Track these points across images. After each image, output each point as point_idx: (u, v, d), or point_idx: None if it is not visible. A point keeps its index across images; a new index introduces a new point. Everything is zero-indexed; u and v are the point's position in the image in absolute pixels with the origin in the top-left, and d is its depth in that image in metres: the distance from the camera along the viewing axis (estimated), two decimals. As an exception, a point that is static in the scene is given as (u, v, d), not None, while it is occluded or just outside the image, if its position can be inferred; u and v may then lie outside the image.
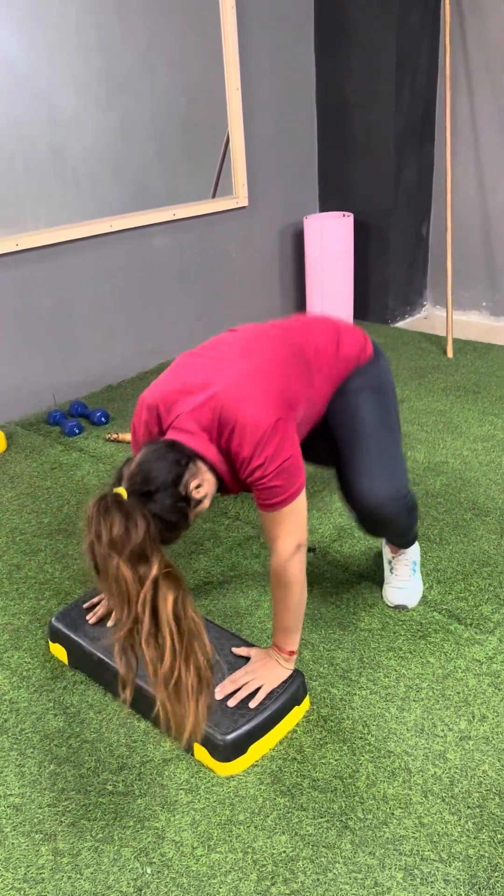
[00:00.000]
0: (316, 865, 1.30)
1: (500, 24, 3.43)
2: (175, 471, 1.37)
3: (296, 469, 1.45)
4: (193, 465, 1.41)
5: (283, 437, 1.42)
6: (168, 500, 1.35)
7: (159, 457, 1.38)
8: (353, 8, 3.54)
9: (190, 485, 1.39)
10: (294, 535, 1.48)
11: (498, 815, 1.36)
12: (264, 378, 1.47)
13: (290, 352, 1.56)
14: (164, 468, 1.36)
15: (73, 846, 1.36)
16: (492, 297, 3.94)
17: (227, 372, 1.47)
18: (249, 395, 1.43)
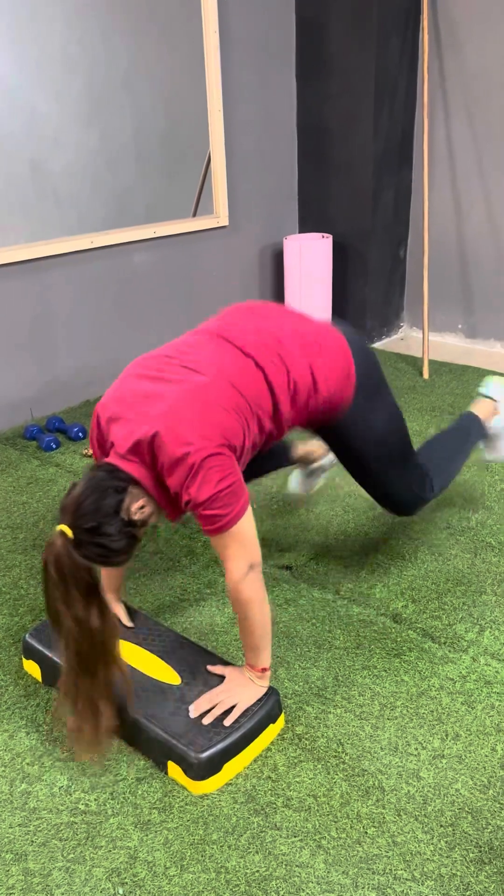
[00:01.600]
0: (289, 885, 1.29)
1: (475, 54, 3.52)
2: (115, 498, 1.41)
3: (232, 496, 1.45)
4: (134, 488, 1.45)
5: (213, 469, 1.42)
6: (113, 528, 1.40)
7: (99, 488, 1.42)
8: (334, 35, 3.61)
9: (132, 509, 1.43)
10: (242, 557, 1.48)
11: (470, 834, 1.37)
12: (202, 408, 1.46)
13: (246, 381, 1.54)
14: (104, 498, 1.41)
15: (44, 866, 1.34)
16: (467, 319, 4.00)
17: (169, 398, 1.47)
18: (183, 429, 1.43)
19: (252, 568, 1.50)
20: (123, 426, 1.50)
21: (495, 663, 1.76)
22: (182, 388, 1.50)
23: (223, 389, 1.51)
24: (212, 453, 1.43)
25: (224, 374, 1.53)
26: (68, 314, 3.22)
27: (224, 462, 1.45)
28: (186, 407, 1.47)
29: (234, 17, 3.43)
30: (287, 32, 3.72)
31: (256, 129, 3.73)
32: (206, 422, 1.46)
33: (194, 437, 1.43)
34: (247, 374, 1.55)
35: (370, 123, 3.64)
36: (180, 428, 1.44)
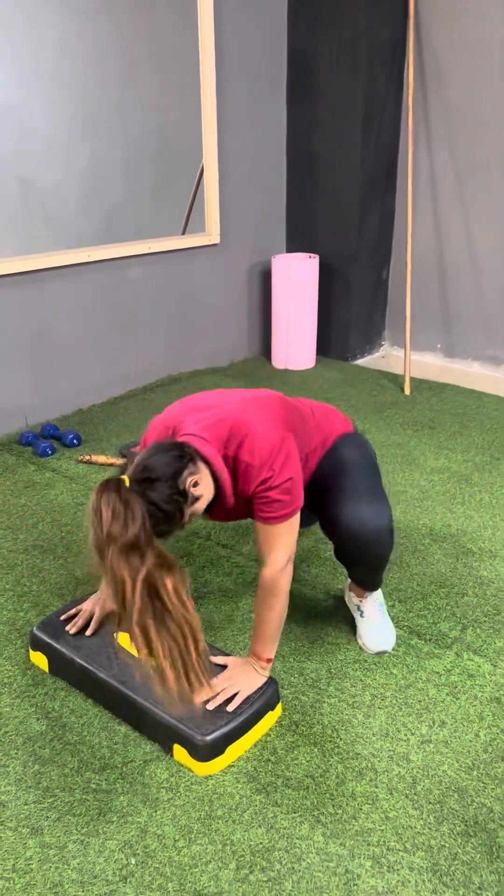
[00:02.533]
0: (291, 855, 1.39)
1: (457, 88, 3.70)
2: (176, 465, 1.46)
3: (298, 487, 1.58)
4: (194, 465, 1.50)
5: (289, 455, 1.56)
6: (166, 490, 1.42)
7: (163, 451, 1.48)
8: (324, 65, 3.78)
9: (188, 481, 1.47)
10: (287, 550, 1.60)
11: (457, 810, 1.48)
12: (269, 409, 1.62)
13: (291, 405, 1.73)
14: (166, 461, 1.45)
15: (60, 839, 1.42)
16: (446, 339, 4.17)
17: (235, 399, 1.63)
18: (258, 414, 1.57)
19: (289, 561, 1.62)
20: (197, 417, 1.59)
21: (478, 658, 1.88)
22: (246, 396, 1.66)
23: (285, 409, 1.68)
24: (285, 437, 1.56)
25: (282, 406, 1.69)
26: (64, 325, 3.32)
27: (295, 451, 1.59)
28: (257, 405, 1.61)
29: (230, 46, 3.59)
30: (279, 61, 3.88)
31: (248, 152, 3.87)
32: (275, 418, 1.60)
33: (274, 424, 1.57)
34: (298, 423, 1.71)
35: (357, 150, 3.80)
36: (262, 415, 1.57)
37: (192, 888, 1.33)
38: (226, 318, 4.07)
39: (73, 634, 1.83)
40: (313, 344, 4.12)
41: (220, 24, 3.50)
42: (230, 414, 1.58)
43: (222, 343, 4.09)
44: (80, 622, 1.85)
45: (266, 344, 4.31)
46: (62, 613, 1.91)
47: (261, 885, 1.33)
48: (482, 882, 1.34)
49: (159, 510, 1.42)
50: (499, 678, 1.81)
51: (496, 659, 1.88)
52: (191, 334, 3.90)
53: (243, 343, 4.22)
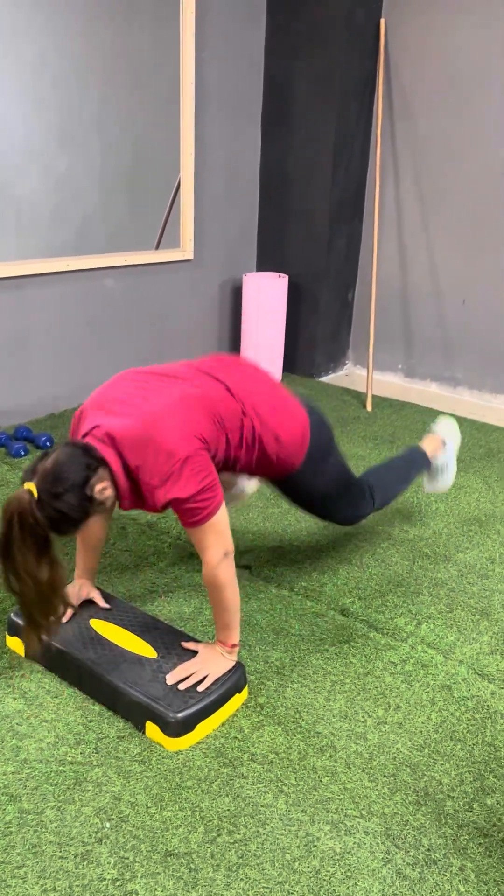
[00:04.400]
0: (255, 821, 1.49)
1: (424, 122, 3.92)
2: (84, 474, 1.55)
3: (210, 491, 1.63)
4: (102, 470, 1.59)
5: (193, 471, 1.60)
6: (74, 499, 1.53)
7: (72, 459, 1.55)
8: (298, 95, 3.97)
9: (96, 487, 1.57)
10: (219, 546, 1.68)
11: (408, 783, 1.60)
12: (185, 413, 1.65)
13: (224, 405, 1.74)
14: (75, 470, 1.54)
15: (37, 806, 1.50)
16: (406, 360, 4.36)
17: (157, 400, 1.65)
18: (168, 429, 1.61)
19: (226, 555, 1.71)
20: (107, 416, 1.64)
21: (431, 650, 2.02)
22: (171, 393, 1.69)
23: (208, 403, 1.71)
24: (193, 454, 1.62)
25: (210, 394, 1.74)
26: (40, 331, 3.41)
27: (203, 462, 1.65)
28: (172, 409, 1.65)
29: (209, 72, 3.75)
30: (256, 88, 4.06)
31: (223, 173, 4.03)
32: (190, 423, 1.65)
33: (178, 438, 1.61)
34: (228, 405, 1.76)
35: (328, 176, 3.99)
36: (166, 428, 1.61)
37: (163, 849, 1.42)
38: (196, 332, 4.20)
39: (49, 621, 1.91)
40: (280, 360, 4.27)
41: (200, 50, 3.67)
42: (144, 421, 1.61)
43: (192, 355, 4.15)
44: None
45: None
46: (38, 601, 1.99)
47: (227, 847, 1.43)
48: (431, 845, 1.46)
49: (66, 517, 1.53)
50: (450, 668, 1.95)
51: (448, 651, 2.01)
52: (162, 345, 4.02)
53: (212, 356, 4.35)
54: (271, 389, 1.90)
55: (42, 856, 1.40)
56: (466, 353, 4.10)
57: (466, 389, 4.16)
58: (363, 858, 1.42)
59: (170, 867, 1.39)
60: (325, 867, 1.40)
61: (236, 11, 3.80)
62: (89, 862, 1.39)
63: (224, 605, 1.75)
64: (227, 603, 1.75)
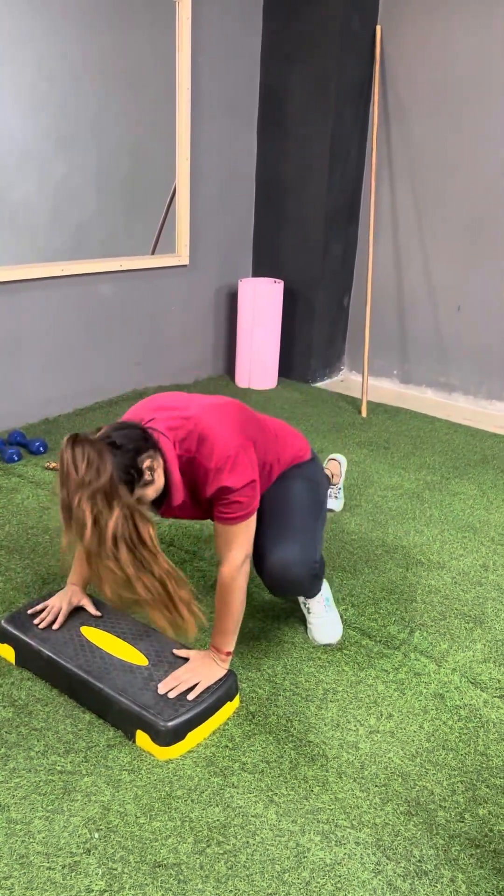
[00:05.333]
0: (245, 831, 1.48)
1: (419, 128, 3.93)
2: (139, 444, 1.56)
3: (255, 490, 1.68)
4: (155, 452, 1.59)
5: (248, 459, 1.66)
6: (125, 460, 1.51)
7: (131, 428, 1.58)
8: (294, 102, 3.97)
9: (146, 462, 1.56)
10: (244, 548, 1.70)
11: (400, 792, 1.59)
12: (229, 416, 1.70)
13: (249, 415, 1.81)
14: (132, 437, 1.55)
15: (26, 815, 1.49)
16: (402, 366, 4.35)
17: (198, 404, 1.71)
18: (218, 420, 1.66)
19: (246, 559, 1.72)
20: (162, 414, 1.68)
21: (423, 659, 2.01)
22: (208, 401, 1.73)
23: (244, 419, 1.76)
24: (248, 446, 1.66)
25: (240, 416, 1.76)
26: (35, 336, 3.40)
27: (253, 457, 1.68)
28: (220, 409, 1.70)
29: (205, 78, 3.75)
30: (251, 95, 4.06)
31: (219, 179, 4.03)
32: (234, 425, 1.68)
33: (231, 430, 1.65)
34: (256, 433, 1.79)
35: (323, 182, 3.99)
36: (219, 422, 1.65)
37: (152, 860, 1.41)
38: (192, 337, 4.19)
39: (41, 629, 1.90)
40: (276, 365, 4.26)
41: (196, 56, 3.67)
42: (192, 416, 1.67)
43: (187, 361, 4.21)
44: (49, 618, 1.93)
45: (230, 364, 4.44)
46: (29, 608, 1.98)
47: (217, 857, 1.42)
48: (422, 855, 1.45)
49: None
50: (442, 676, 1.94)
51: (441, 659, 2.01)
52: (157, 351, 4.01)
53: (208, 362, 4.35)
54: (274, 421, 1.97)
55: (29, 866, 1.39)
56: (461, 359, 4.10)
57: (461, 395, 4.16)
58: (354, 870, 1.41)
59: (158, 878, 1.38)
60: (315, 878, 1.39)
61: (232, 17, 3.80)
62: (77, 873, 1.38)
63: (231, 608, 1.74)
64: (234, 607, 1.74)
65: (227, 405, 1.76)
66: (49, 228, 3.41)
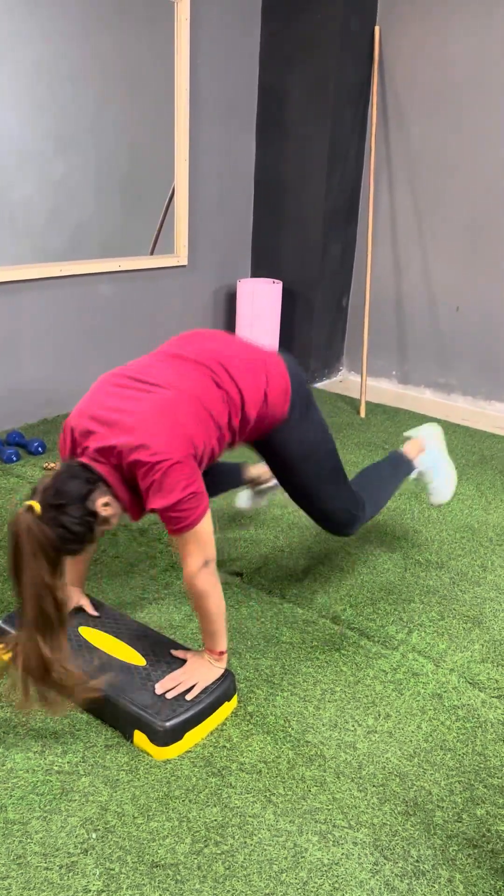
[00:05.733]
0: (243, 831, 1.48)
1: (418, 129, 3.93)
2: (85, 488, 1.58)
3: (195, 501, 1.64)
4: (103, 486, 1.61)
5: (181, 476, 1.61)
6: (76, 512, 1.55)
7: (72, 475, 1.59)
8: (293, 103, 3.98)
9: (98, 502, 1.59)
10: (199, 554, 1.68)
11: (398, 792, 1.59)
12: (171, 420, 1.64)
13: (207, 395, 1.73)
14: (76, 485, 1.57)
15: (23, 816, 1.49)
16: (400, 367, 4.36)
17: (139, 411, 1.65)
18: (155, 437, 1.61)
19: (207, 564, 1.70)
20: (97, 436, 1.66)
21: (422, 659, 2.01)
22: (151, 402, 1.68)
23: (189, 402, 1.69)
24: (177, 462, 1.61)
25: (188, 388, 1.72)
26: (33, 336, 3.40)
27: (188, 470, 1.64)
28: (155, 418, 1.65)
29: (204, 79, 3.75)
30: (250, 96, 4.06)
31: (218, 179, 4.03)
32: (173, 432, 1.64)
33: (162, 447, 1.61)
34: (208, 388, 1.74)
35: (322, 183, 3.99)
36: (150, 439, 1.61)
37: (149, 860, 1.41)
38: (191, 338, 4.19)
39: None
40: (274, 366, 4.26)
41: (195, 57, 3.67)
42: (130, 430, 1.62)
43: (186, 361, 4.20)
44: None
45: (229, 364, 4.43)
46: (27, 608, 1.98)
47: (214, 858, 1.42)
48: (420, 856, 1.45)
49: (69, 532, 1.54)
50: (441, 677, 1.94)
51: (439, 660, 2.00)
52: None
53: (207, 362, 4.34)
54: (245, 351, 1.87)
55: (27, 867, 1.38)
56: (460, 360, 4.10)
57: (460, 396, 4.16)
58: (351, 870, 1.41)
59: (156, 878, 1.37)
60: (312, 879, 1.39)
61: (231, 19, 3.81)
62: (74, 873, 1.38)
63: (204, 611, 1.74)
64: (206, 610, 1.74)
65: (175, 403, 1.67)
66: (48, 229, 3.41)
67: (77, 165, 3.40)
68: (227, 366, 1.79)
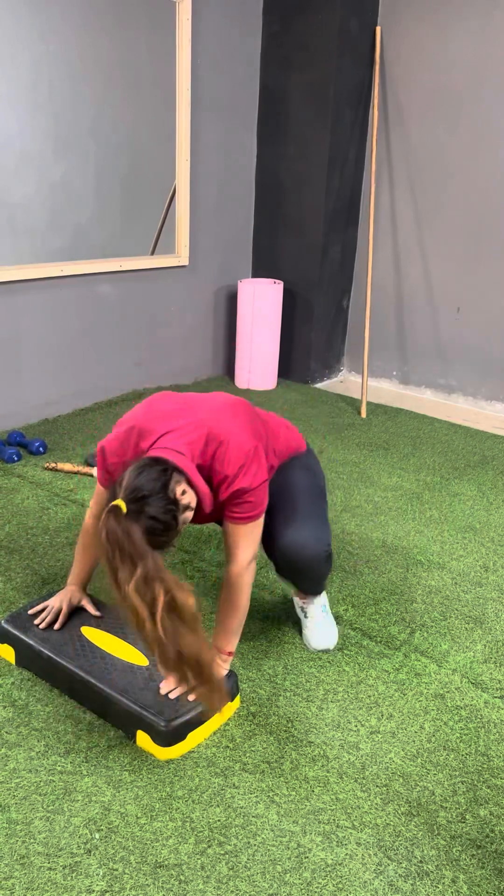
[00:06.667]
0: (246, 832, 1.48)
1: (418, 130, 3.93)
2: (161, 479, 1.53)
3: (266, 492, 1.69)
4: (177, 475, 1.57)
5: (260, 462, 1.66)
6: (160, 503, 1.50)
7: (146, 468, 1.54)
8: (294, 104, 3.98)
9: (177, 490, 1.55)
10: (252, 548, 1.71)
11: (401, 793, 1.59)
12: (239, 417, 1.70)
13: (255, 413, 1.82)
14: (152, 476, 1.52)
15: (26, 816, 1.49)
16: (401, 367, 4.36)
17: (205, 407, 1.70)
18: (230, 423, 1.66)
19: (253, 559, 1.73)
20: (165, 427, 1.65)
21: (424, 659, 2.00)
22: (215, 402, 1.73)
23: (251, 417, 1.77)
24: (259, 449, 1.67)
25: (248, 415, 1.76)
26: (34, 336, 3.39)
27: (264, 461, 1.69)
28: (225, 411, 1.69)
29: (205, 80, 3.75)
30: (251, 97, 4.06)
31: (219, 180, 4.03)
32: (248, 426, 1.69)
33: (241, 432, 1.65)
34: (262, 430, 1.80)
35: (322, 185, 3.99)
36: (229, 425, 1.65)
37: (153, 860, 1.41)
38: (191, 338, 4.19)
39: (42, 629, 1.90)
40: (275, 366, 4.26)
41: (196, 58, 3.67)
42: (203, 423, 1.65)
43: (187, 361, 4.20)
44: (50, 618, 1.92)
45: (230, 364, 4.43)
46: (29, 608, 1.98)
47: (218, 858, 1.42)
48: (423, 856, 1.45)
49: (158, 522, 1.48)
50: (443, 677, 1.94)
51: (441, 660, 2.00)
52: (157, 351, 4.01)
53: (207, 362, 4.35)
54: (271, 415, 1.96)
55: (30, 867, 1.38)
56: (461, 360, 4.10)
57: (461, 396, 4.16)
58: (355, 870, 1.41)
59: (159, 879, 1.37)
60: (316, 879, 1.39)
61: (232, 20, 3.81)
62: (78, 873, 1.37)
63: (237, 607, 1.75)
64: (240, 606, 1.75)
65: (235, 405, 1.75)
66: (48, 229, 3.41)
67: (77, 165, 3.40)
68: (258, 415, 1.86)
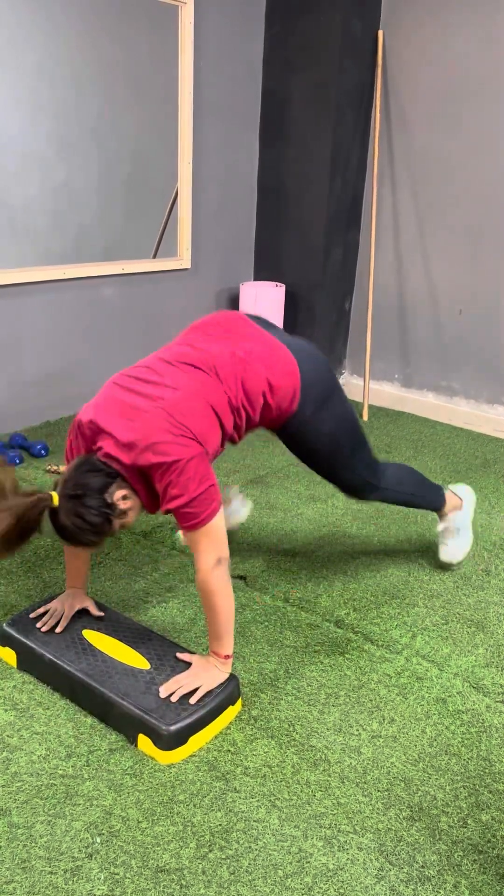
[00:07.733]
0: (248, 836, 1.48)
1: (421, 133, 3.93)
2: (104, 480, 1.59)
3: (208, 497, 1.66)
4: (121, 481, 1.63)
5: (196, 473, 1.64)
6: (94, 503, 1.56)
7: (90, 468, 1.61)
8: (295, 106, 3.98)
9: (116, 494, 1.60)
10: (212, 552, 1.69)
11: (403, 797, 1.59)
12: (182, 419, 1.66)
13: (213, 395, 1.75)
14: (94, 477, 1.58)
15: (27, 820, 1.48)
16: (403, 370, 4.35)
17: (153, 410, 1.66)
18: (167, 435, 1.63)
19: (220, 562, 1.71)
20: (111, 438, 1.68)
21: (426, 663, 2.00)
22: (164, 400, 1.70)
23: (196, 401, 1.72)
24: (192, 457, 1.64)
25: (195, 388, 1.73)
26: (36, 339, 3.40)
27: (202, 466, 1.67)
28: (167, 418, 1.67)
29: (207, 82, 3.76)
30: (253, 100, 4.07)
31: (221, 183, 4.04)
32: (185, 430, 1.67)
33: (175, 447, 1.64)
34: (214, 389, 1.76)
35: (324, 187, 3.99)
36: (163, 438, 1.64)
37: (154, 865, 1.41)
38: (193, 341, 4.19)
39: (44, 632, 1.90)
40: (277, 369, 4.26)
41: (199, 61, 3.68)
42: (146, 426, 1.64)
43: (189, 364, 4.20)
44: (52, 621, 1.92)
45: (231, 367, 4.43)
46: (31, 612, 1.98)
47: (219, 863, 1.42)
48: (425, 861, 1.45)
49: (86, 522, 1.56)
50: (445, 681, 1.94)
51: (443, 664, 2.00)
52: (159, 354, 4.01)
53: (209, 365, 4.34)
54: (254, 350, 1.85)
55: (31, 871, 1.38)
56: (463, 363, 4.10)
57: (463, 399, 4.15)
58: (356, 875, 1.41)
59: (160, 883, 1.37)
60: (317, 884, 1.39)
61: (234, 22, 3.81)
62: (79, 878, 1.37)
63: (215, 611, 1.74)
64: (218, 610, 1.74)
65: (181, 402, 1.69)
66: (50, 232, 3.41)
67: (80, 168, 3.41)
68: (232, 368, 1.80)
